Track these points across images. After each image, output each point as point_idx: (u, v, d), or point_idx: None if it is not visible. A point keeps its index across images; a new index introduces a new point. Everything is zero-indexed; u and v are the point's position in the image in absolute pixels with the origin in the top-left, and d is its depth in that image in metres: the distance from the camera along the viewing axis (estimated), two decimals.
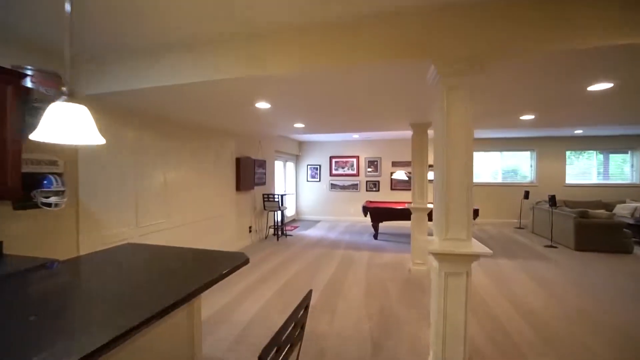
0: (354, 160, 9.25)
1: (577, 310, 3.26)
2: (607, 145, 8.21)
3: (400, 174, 6.72)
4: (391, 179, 8.91)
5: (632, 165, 8.25)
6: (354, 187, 9.24)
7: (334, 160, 9.40)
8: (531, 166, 8.67)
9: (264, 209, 6.66)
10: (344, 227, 8.31)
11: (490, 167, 8.85)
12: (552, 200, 5.96)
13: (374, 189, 9.10)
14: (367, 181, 9.16)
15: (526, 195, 7.89)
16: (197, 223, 4.69)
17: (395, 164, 8.95)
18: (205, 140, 4.87)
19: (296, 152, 9.38)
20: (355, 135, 8.28)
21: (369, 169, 9.15)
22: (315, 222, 8.98)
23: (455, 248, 1.90)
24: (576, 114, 3.71)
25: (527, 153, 8.70)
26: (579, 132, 7.46)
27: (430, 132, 4.83)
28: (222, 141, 5.34)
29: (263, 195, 6.56)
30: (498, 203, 8.51)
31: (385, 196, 8.90)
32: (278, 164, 8.36)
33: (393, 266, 4.82)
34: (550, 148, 8.41)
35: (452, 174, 1.93)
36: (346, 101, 3.06)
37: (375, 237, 6.66)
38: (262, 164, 6.86)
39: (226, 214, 5.49)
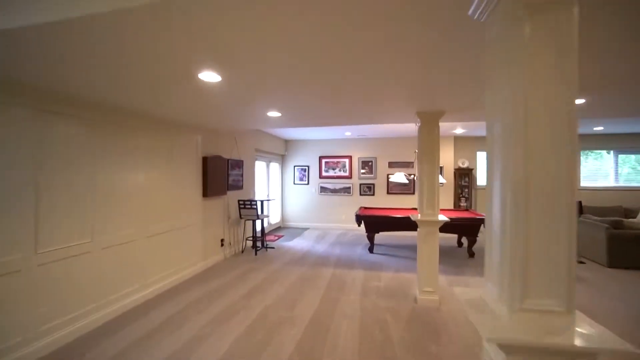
0: (346, 160, 8.30)
1: None
2: (621, 144, 7.42)
3: (400, 177, 5.80)
4: (388, 181, 7.98)
5: None
6: (346, 190, 8.28)
7: (324, 161, 8.43)
8: None
9: (240, 217, 5.64)
10: (334, 236, 7.34)
11: None
12: (578, 207, 5.08)
13: (369, 193, 8.16)
14: (360, 184, 8.22)
15: None
16: (149, 240, 3.66)
17: (392, 165, 8.02)
18: (157, 134, 3.85)
19: (281, 152, 8.38)
20: (348, 133, 7.33)
21: (363, 171, 8.20)
22: (302, 230, 7.99)
23: (543, 333, 0.94)
24: None
25: None
26: (598, 129, 6.64)
27: (445, 124, 3.84)
28: (182, 136, 4.32)
29: (239, 201, 5.55)
30: None
31: (382, 201, 7.96)
32: (260, 165, 7.35)
33: (394, 293, 3.85)
34: None
35: (535, 184, 0.97)
36: (332, 78, 2.11)
37: (371, 250, 5.70)
38: (239, 164, 5.85)
39: (190, 226, 4.47)
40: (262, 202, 6.03)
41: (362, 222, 5.55)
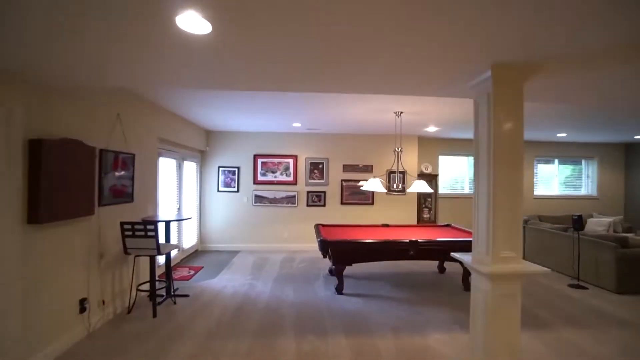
0: (290, 161, 6.43)
1: None
2: (562, 153, 7.45)
3: (375, 184, 4.24)
4: (342, 189, 6.39)
5: (587, 176, 7.69)
6: (290, 200, 6.40)
7: (260, 161, 6.39)
8: None
9: (126, 252, 3.24)
10: (277, 263, 5.36)
11: (455, 173, 7.23)
12: (579, 223, 4.31)
13: (319, 203, 6.44)
14: (308, 192, 6.43)
15: None
16: None
17: (347, 169, 6.47)
18: None
19: (201, 146, 6.02)
20: (297, 124, 5.50)
21: (312, 175, 6.45)
22: (230, 256, 5.77)
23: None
24: None
25: None
26: (562, 135, 6.32)
27: (417, 119, 2.26)
28: None
29: (122, 225, 3.15)
30: (469, 219, 6.86)
31: (335, 214, 6.32)
32: (167, 164, 4.91)
33: None
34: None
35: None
36: None
37: (339, 289, 3.95)
38: (127, 160, 3.44)
39: None
40: (167, 223, 3.71)
41: (329, 251, 3.76)
